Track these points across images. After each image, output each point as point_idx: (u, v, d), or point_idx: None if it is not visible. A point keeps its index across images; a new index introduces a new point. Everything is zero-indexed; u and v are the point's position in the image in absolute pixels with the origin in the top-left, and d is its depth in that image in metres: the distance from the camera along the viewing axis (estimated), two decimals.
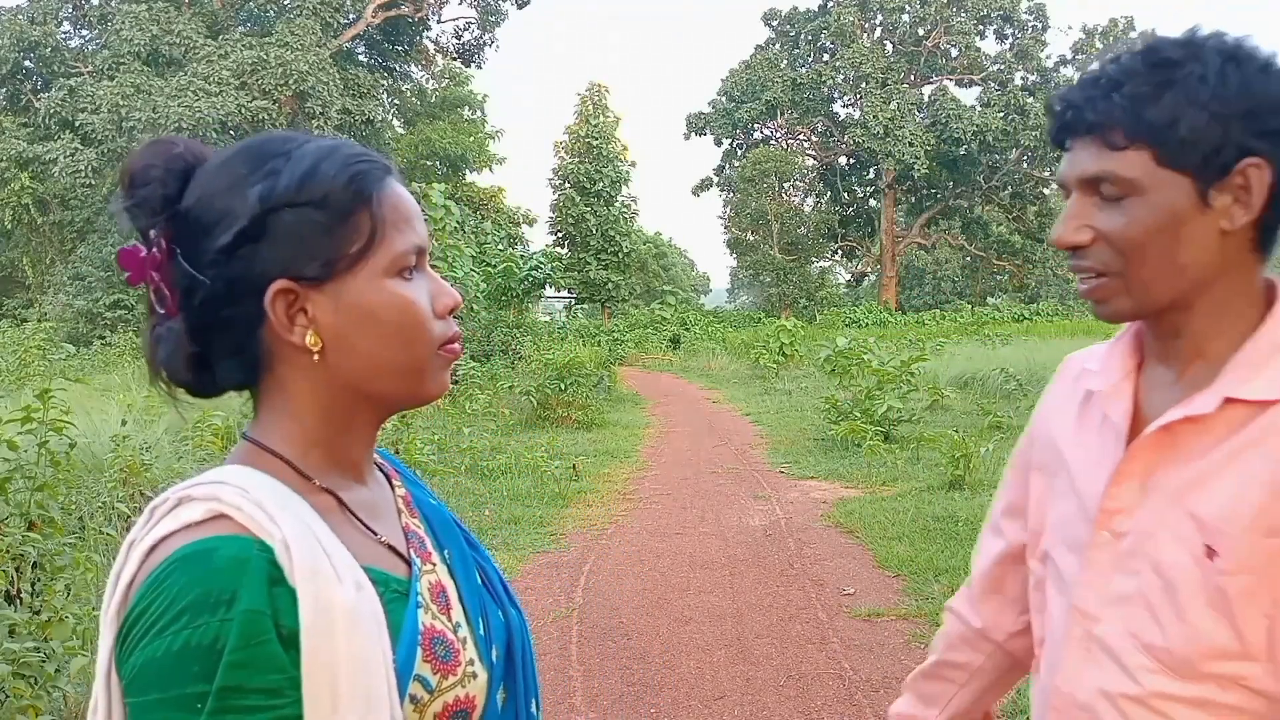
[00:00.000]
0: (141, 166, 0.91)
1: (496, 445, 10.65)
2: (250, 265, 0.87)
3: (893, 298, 43.14)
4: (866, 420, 10.84)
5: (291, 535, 0.82)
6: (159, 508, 0.85)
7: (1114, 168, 1.03)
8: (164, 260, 0.89)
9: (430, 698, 0.88)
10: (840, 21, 42.41)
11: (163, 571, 0.79)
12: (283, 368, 0.91)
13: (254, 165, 0.90)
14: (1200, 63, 1.01)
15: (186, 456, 7.01)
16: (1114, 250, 1.05)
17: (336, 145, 0.93)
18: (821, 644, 4.78)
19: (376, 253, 0.90)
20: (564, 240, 39.26)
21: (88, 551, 4.22)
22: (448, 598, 0.95)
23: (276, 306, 0.88)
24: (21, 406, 3.87)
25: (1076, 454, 1.19)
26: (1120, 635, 1.09)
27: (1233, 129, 1.00)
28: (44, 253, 30.85)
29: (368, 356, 0.90)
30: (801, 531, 7.14)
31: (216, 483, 0.85)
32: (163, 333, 0.91)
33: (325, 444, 0.93)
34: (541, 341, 20.39)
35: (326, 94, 29.21)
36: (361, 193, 0.90)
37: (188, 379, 0.92)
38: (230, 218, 0.87)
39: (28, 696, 3.05)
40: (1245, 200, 1.02)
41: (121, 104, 26.84)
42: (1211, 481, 1.04)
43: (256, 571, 0.79)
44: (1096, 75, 1.05)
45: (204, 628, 0.76)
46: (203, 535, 0.81)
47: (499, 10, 36.44)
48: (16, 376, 14.85)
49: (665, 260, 57.63)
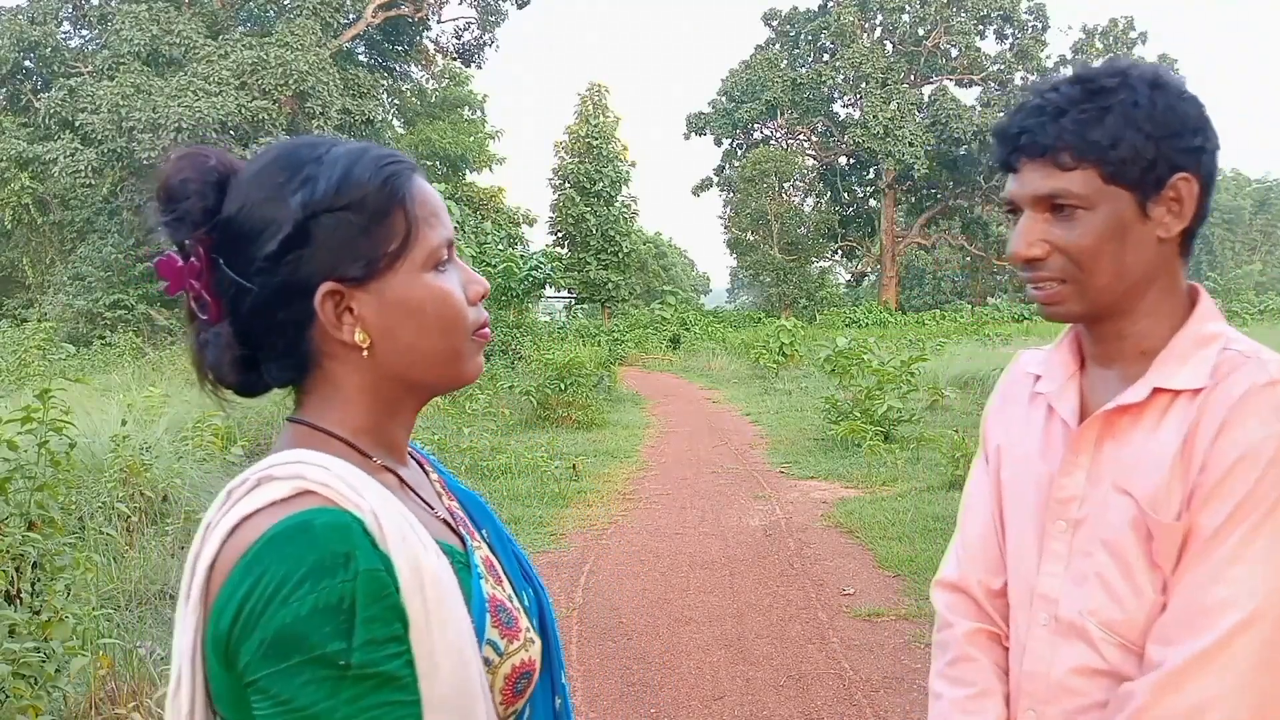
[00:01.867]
0: (179, 180, 0.93)
1: (496, 445, 10.65)
2: (297, 270, 0.91)
3: (893, 298, 43.13)
4: (866, 420, 10.84)
5: (379, 506, 0.86)
6: (236, 489, 0.89)
7: (1066, 185, 1.16)
8: (203, 269, 0.93)
9: (500, 660, 0.94)
10: (840, 21, 42.39)
11: (263, 548, 0.82)
12: (331, 363, 0.95)
13: (290, 173, 0.93)
14: (1131, 89, 1.14)
15: (186, 456, 7.01)
16: (1067, 259, 1.18)
17: (365, 148, 0.96)
18: (821, 644, 4.78)
19: (413, 249, 0.94)
20: (564, 240, 39.25)
21: (88, 551, 4.22)
22: (497, 572, 1.02)
23: (326, 307, 0.92)
24: (21, 406, 3.87)
25: (1025, 449, 1.31)
26: (1082, 614, 1.20)
27: (1164, 147, 1.14)
28: (44, 253, 30.83)
29: (411, 348, 0.95)
30: (801, 531, 7.14)
31: (297, 462, 0.88)
32: (209, 338, 0.95)
33: (373, 430, 0.97)
34: (541, 341, 20.39)
35: (326, 94, 29.19)
36: (395, 193, 0.94)
37: (235, 381, 0.97)
38: (274, 226, 0.91)
39: (28, 696, 3.05)
40: (1178, 211, 1.17)
41: (121, 104, 26.81)
42: (1144, 464, 1.17)
43: (360, 535, 0.84)
44: (1040, 104, 1.17)
45: (328, 589, 0.80)
46: (294, 510, 0.84)
47: (499, 10, 36.42)
48: (16, 376, 14.85)
49: (665, 260, 57.63)
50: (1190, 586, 1.12)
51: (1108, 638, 1.18)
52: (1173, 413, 1.17)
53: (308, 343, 0.94)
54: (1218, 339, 1.20)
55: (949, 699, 1.33)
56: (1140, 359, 1.22)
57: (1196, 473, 1.13)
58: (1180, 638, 1.11)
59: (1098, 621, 1.19)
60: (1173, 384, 1.18)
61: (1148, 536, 1.16)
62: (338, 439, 0.94)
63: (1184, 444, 1.15)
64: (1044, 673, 1.24)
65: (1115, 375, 1.24)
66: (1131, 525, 1.17)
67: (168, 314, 24.53)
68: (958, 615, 1.37)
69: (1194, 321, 1.21)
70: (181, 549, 5.62)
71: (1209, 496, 1.12)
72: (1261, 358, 1.16)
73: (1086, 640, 1.20)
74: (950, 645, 1.36)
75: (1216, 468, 1.12)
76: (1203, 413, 1.15)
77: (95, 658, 3.60)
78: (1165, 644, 1.12)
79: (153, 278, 8.16)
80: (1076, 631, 1.20)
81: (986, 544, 1.36)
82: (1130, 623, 1.17)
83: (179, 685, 0.88)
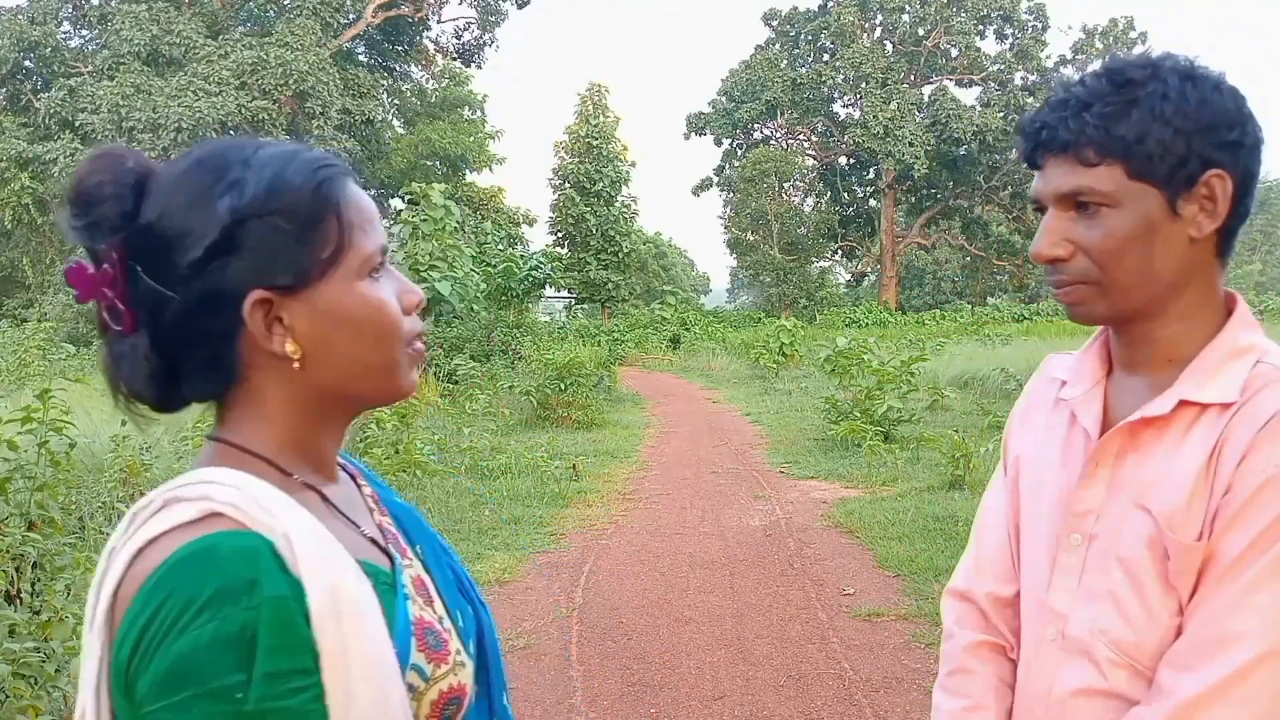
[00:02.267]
0: (94, 183, 0.88)
1: (496, 445, 10.65)
2: (223, 278, 0.86)
3: (893, 298, 43.13)
4: (866, 420, 10.84)
5: (293, 528, 0.82)
6: (140, 512, 0.84)
7: (1089, 182, 1.10)
8: (118, 277, 0.87)
9: (426, 686, 0.89)
10: (840, 21, 42.40)
11: (165, 573, 0.78)
12: (256, 375, 0.90)
13: (215, 176, 0.88)
14: (1161, 82, 1.09)
15: (186, 456, 7.01)
16: (1091, 260, 1.12)
17: (296, 150, 0.93)
18: (821, 644, 4.78)
19: (346, 257, 0.90)
20: (564, 240, 39.24)
21: (88, 551, 4.22)
22: (429, 591, 0.97)
23: (255, 317, 0.87)
24: (21, 406, 3.87)
25: (1046, 457, 1.26)
26: (1090, 632, 1.15)
27: (1195, 143, 1.08)
28: (44, 253, 30.83)
29: (345, 359, 0.91)
30: (801, 531, 7.13)
31: (204, 483, 0.84)
32: (123, 351, 0.90)
33: (299, 444, 0.93)
34: (541, 341, 20.38)
35: (326, 94, 29.20)
36: (328, 199, 0.90)
37: (152, 396, 0.91)
38: (198, 231, 0.86)
39: (28, 696, 3.05)
40: (1210, 209, 1.10)
41: (121, 104, 26.83)
42: (1165, 481, 1.11)
43: (268, 559, 0.79)
44: (1065, 98, 1.12)
45: (229, 617, 0.76)
46: (200, 533, 0.80)
47: (499, 10, 36.44)
48: (16, 376, 14.85)
49: (665, 260, 57.62)
50: (1209, 613, 1.07)
51: (1115, 658, 1.13)
52: (1199, 428, 1.11)
53: (233, 354, 0.89)
54: (1252, 351, 1.13)
55: (945, 710, 1.32)
56: (1168, 367, 1.16)
57: (1221, 494, 1.08)
58: (1196, 665, 1.06)
59: (1108, 641, 1.14)
60: (1200, 397, 1.11)
61: (1164, 556, 1.11)
62: (257, 456, 0.90)
63: (1208, 462, 1.09)
64: (1045, 690, 1.20)
65: (1142, 383, 1.18)
66: (1148, 544, 1.12)
67: None
68: (962, 626, 1.35)
69: (1228, 331, 1.15)
70: None
71: (1232, 520, 1.07)
72: None
73: (1092, 660, 1.15)
74: (951, 656, 1.34)
75: (1241, 491, 1.06)
76: (1230, 431, 1.09)
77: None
78: (1179, 671, 1.08)
79: None
80: (1083, 650, 1.16)
81: (1000, 554, 1.33)
82: (1140, 645, 1.12)
83: (84, 714, 0.83)
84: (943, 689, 1.35)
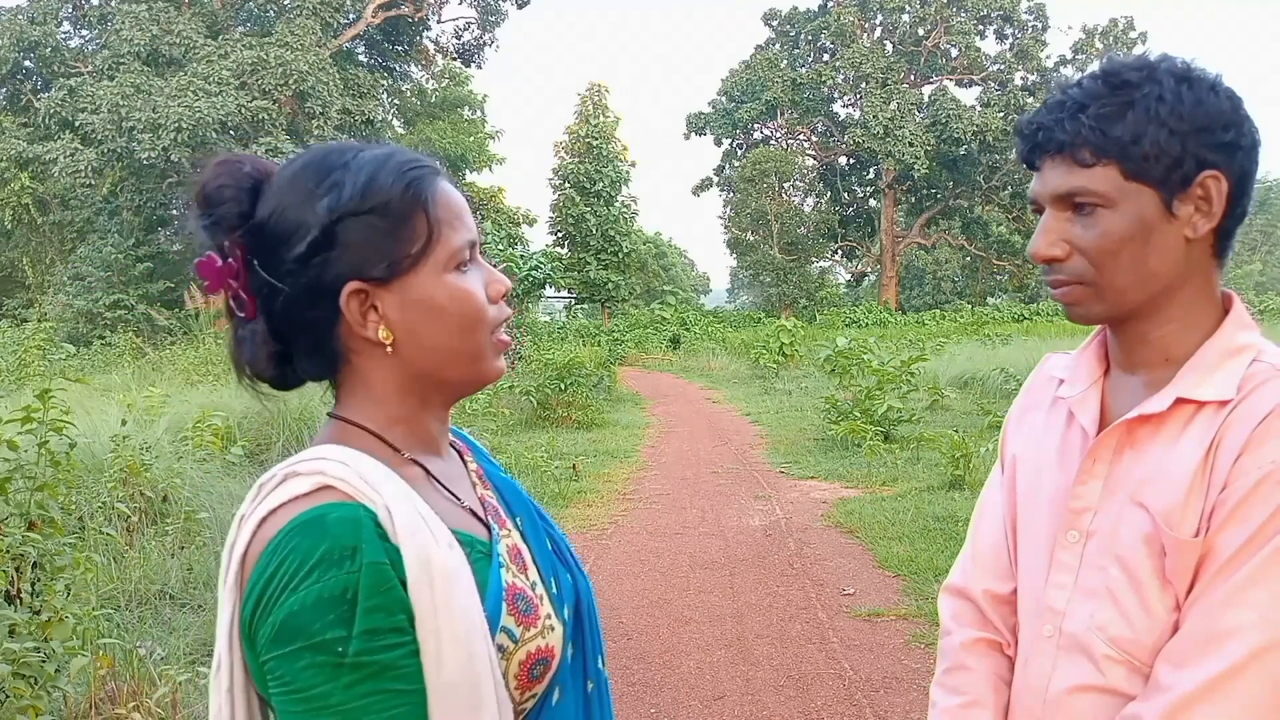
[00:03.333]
0: (215, 186, 0.98)
1: (496, 445, 10.65)
2: (324, 271, 0.96)
3: (893, 298, 43.13)
4: (866, 420, 10.84)
5: (392, 500, 0.91)
6: (266, 484, 0.94)
7: (1085, 183, 1.11)
8: (240, 269, 0.98)
9: (515, 647, 0.97)
10: (840, 21, 42.40)
11: (282, 539, 0.88)
12: (359, 359, 1.00)
13: (318, 179, 0.97)
14: (1157, 84, 1.10)
15: (186, 456, 7.00)
16: (1088, 260, 1.14)
17: (391, 153, 1.01)
18: (821, 644, 4.78)
19: (435, 250, 0.98)
20: (564, 240, 39.26)
21: (88, 551, 4.22)
22: (524, 559, 1.05)
23: (350, 306, 0.96)
24: (21, 406, 3.86)
25: (1043, 456, 1.27)
26: (1087, 629, 1.16)
27: (1190, 143, 1.09)
28: (44, 253, 30.83)
29: (434, 345, 0.99)
30: (801, 531, 7.14)
31: (319, 459, 0.94)
32: (245, 335, 1.00)
33: (405, 422, 1.02)
34: (541, 341, 20.38)
35: (326, 94, 29.19)
36: (418, 197, 0.98)
37: (271, 375, 1.02)
38: (303, 229, 0.96)
39: (28, 696, 3.05)
40: (1206, 210, 1.12)
41: (121, 104, 26.80)
42: (1163, 477, 1.13)
43: (369, 529, 0.88)
44: (1061, 99, 1.14)
45: (333, 580, 0.85)
46: (313, 504, 0.90)
47: (499, 10, 36.42)
48: (16, 376, 14.85)
49: (665, 260, 57.63)
50: (1206, 609, 1.08)
51: (1113, 654, 1.15)
52: (1195, 425, 1.13)
53: (335, 340, 0.99)
54: (1248, 350, 1.15)
55: (942, 707, 1.33)
56: (1165, 365, 1.17)
57: (1217, 490, 1.09)
58: (1192, 661, 1.08)
59: (1105, 637, 1.15)
60: (1197, 395, 1.13)
61: (1161, 552, 1.12)
62: (369, 433, 0.99)
63: (1205, 459, 1.10)
64: (1042, 687, 1.21)
65: (1139, 381, 1.20)
66: (1145, 540, 1.13)
67: (168, 314, 24.54)
68: (959, 623, 1.35)
69: (1225, 330, 1.16)
70: (182, 549, 5.62)
71: (1229, 517, 1.08)
72: None
73: (1089, 656, 1.17)
74: (948, 653, 1.35)
75: (1238, 487, 1.08)
76: (1227, 428, 1.10)
77: (95, 658, 3.59)
78: (1176, 666, 1.09)
79: (153, 277, 8.15)
80: (1080, 646, 1.17)
81: (997, 551, 1.33)
82: (1138, 640, 1.14)
83: (219, 666, 0.94)
84: (940, 686, 1.35)
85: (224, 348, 1.04)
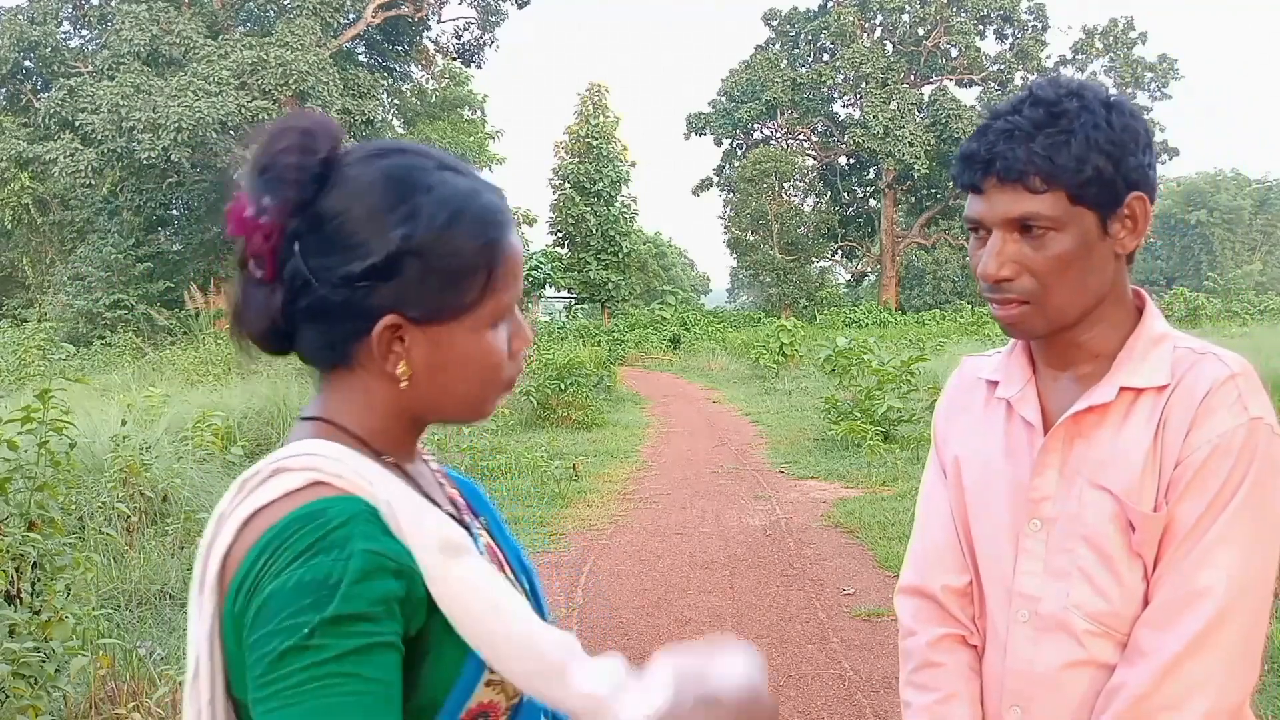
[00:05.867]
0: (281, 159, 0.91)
1: (496, 445, 10.65)
2: (369, 295, 0.91)
3: (893, 298, 43.12)
4: (866, 420, 10.83)
5: (393, 496, 0.89)
6: (250, 480, 0.91)
7: (1037, 208, 1.20)
8: (275, 235, 0.91)
9: None
10: (840, 21, 42.37)
11: (278, 532, 0.85)
12: (365, 373, 0.96)
13: (397, 198, 0.92)
14: (1091, 112, 1.19)
15: (186, 456, 7.01)
16: (1036, 280, 1.22)
17: (475, 191, 0.96)
18: (821, 644, 4.78)
19: (483, 306, 0.95)
20: (564, 240, 39.25)
21: (88, 551, 4.22)
22: (500, 558, 1.05)
23: (382, 338, 0.93)
24: (21, 406, 3.86)
25: (989, 453, 1.35)
26: (1064, 608, 1.25)
27: (1121, 167, 1.19)
28: (44, 253, 30.82)
29: (446, 390, 0.97)
30: (801, 531, 7.14)
31: (310, 454, 0.90)
32: (255, 296, 0.94)
33: (391, 434, 0.99)
34: (541, 341, 20.37)
35: (326, 94, 29.17)
36: (491, 256, 0.95)
37: (266, 343, 0.98)
38: (364, 250, 0.91)
39: (28, 696, 3.05)
40: (1132, 228, 1.23)
41: (121, 104, 26.79)
42: (1118, 460, 1.23)
43: (370, 521, 0.86)
44: (1008, 128, 1.21)
45: (318, 565, 0.83)
46: (309, 499, 0.86)
47: (499, 10, 36.41)
48: (16, 376, 14.85)
49: (665, 260, 57.60)
50: (1179, 573, 1.18)
51: (1092, 628, 1.23)
52: (1138, 410, 1.23)
53: (350, 347, 0.95)
54: (1167, 338, 1.27)
55: (918, 705, 1.37)
56: (1095, 361, 1.28)
57: (1171, 467, 1.20)
58: (1172, 623, 1.17)
59: (1083, 614, 1.23)
60: (1136, 383, 1.24)
61: (1128, 528, 1.21)
62: (353, 437, 0.96)
63: (1155, 439, 1.21)
64: (1027, 669, 1.27)
65: (1069, 377, 1.30)
66: (1111, 519, 1.22)
67: (168, 314, 24.51)
68: (921, 622, 1.39)
69: (1146, 324, 1.28)
70: (182, 549, 5.62)
71: (1187, 489, 1.18)
72: (1217, 353, 1.23)
73: (1070, 633, 1.24)
74: (915, 653, 1.39)
75: (1192, 461, 1.18)
76: (1171, 409, 1.21)
77: (95, 658, 3.59)
78: (1156, 629, 1.18)
79: (153, 277, 8.12)
80: (1059, 625, 1.25)
81: (950, 547, 1.38)
82: (1114, 613, 1.22)
83: (197, 673, 0.90)
84: (911, 685, 1.39)
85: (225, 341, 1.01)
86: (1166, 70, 42.74)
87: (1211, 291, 37.18)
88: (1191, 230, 57.97)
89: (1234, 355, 1.24)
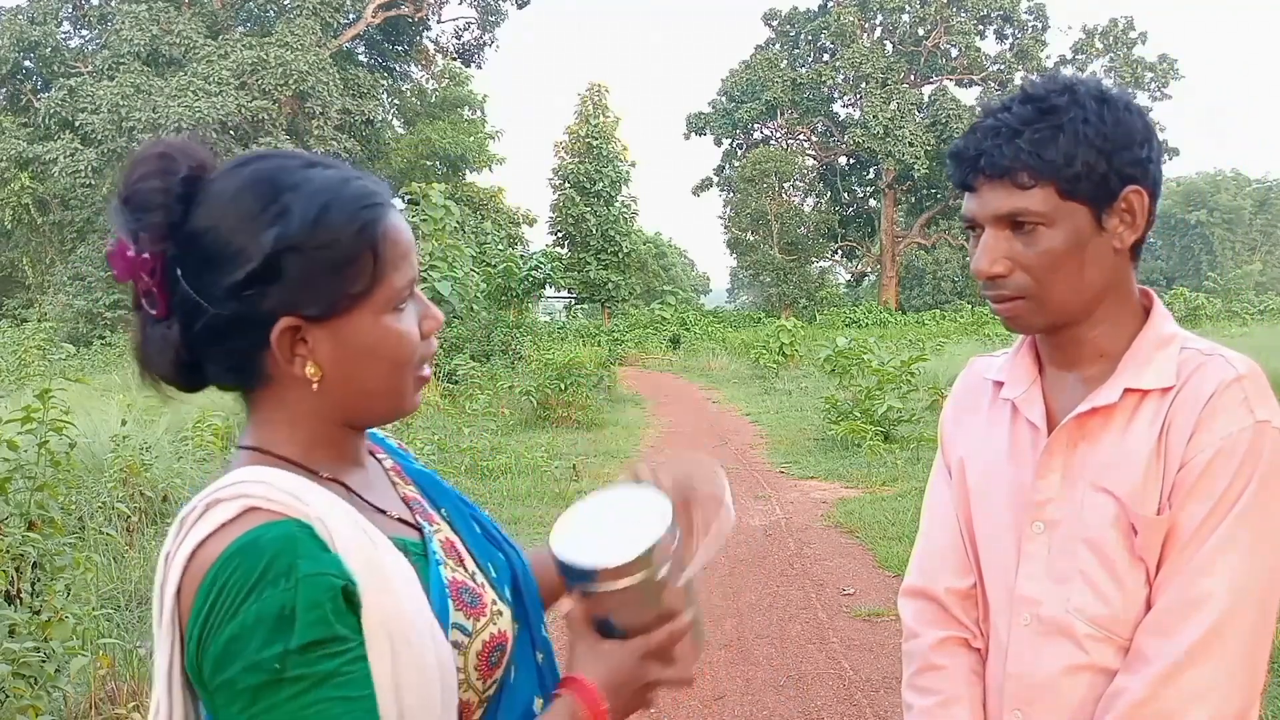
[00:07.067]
0: (143, 187, 0.91)
1: (496, 445, 10.65)
2: (258, 302, 0.91)
3: (893, 298, 43.13)
4: (866, 420, 10.83)
5: (325, 512, 0.89)
6: (187, 518, 0.90)
7: (1026, 204, 1.19)
8: (157, 268, 0.91)
9: (469, 640, 0.97)
10: (840, 21, 42.39)
11: (218, 571, 0.85)
12: (279, 385, 0.96)
13: (266, 200, 0.91)
14: (1080, 106, 1.18)
15: (186, 456, 7.01)
16: (1029, 275, 1.21)
17: (344, 180, 0.95)
18: (821, 644, 4.78)
19: (377, 292, 0.94)
20: (564, 240, 39.24)
21: (88, 551, 4.22)
22: (459, 551, 1.04)
23: (282, 341, 0.92)
24: (21, 406, 3.87)
25: (993, 454, 1.33)
26: (1066, 612, 1.23)
27: (1114, 161, 1.18)
28: (44, 253, 30.83)
29: (360, 384, 0.96)
30: (801, 531, 7.14)
31: (239, 483, 0.90)
32: (154, 334, 0.94)
33: (322, 444, 0.98)
34: (541, 341, 20.38)
35: (326, 94, 29.20)
36: (369, 238, 0.94)
37: (175, 379, 0.97)
38: (242, 257, 0.90)
39: (28, 696, 3.05)
40: (1130, 222, 1.21)
41: (121, 104, 26.83)
42: (1121, 463, 1.21)
43: (306, 541, 0.86)
44: (995, 125, 1.20)
45: (269, 599, 0.83)
46: (243, 529, 0.86)
47: (499, 10, 36.44)
48: (16, 376, 14.85)
49: (665, 260, 57.59)
50: (1180, 579, 1.16)
51: (1094, 633, 1.21)
52: (1143, 412, 1.21)
53: (258, 363, 0.94)
54: (1175, 339, 1.24)
55: (919, 708, 1.36)
56: (1100, 361, 1.26)
57: (1175, 470, 1.18)
58: (1172, 630, 1.15)
59: (1085, 618, 1.22)
60: (1142, 384, 1.22)
61: (1130, 532, 1.19)
62: (284, 460, 0.95)
63: (1159, 441, 1.19)
64: (1028, 673, 1.25)
65: (1075, 378, 1.28)
66: (1113, 523, 1.20)
67: None
68: (924, 624, 1.39)
69: (1152, 324, 1.26)
70: None
71: (1191, 491, 1.16)
72: (1225, 355, 1.21)
73: (1071, 638, 1.22)
74: (917, 655, 1.38)
75: (1195, 464, 1.16)
76: (1176, 411, 1.19)
77: (95, 658, 3.59)
78: (1159, 636, 1.16)
79: None
80: (1061, 630, 1.23)
81: (954, 549, 1.38)
82: (1116, 617, 1.20)
83: (157, 711, 0.91)
84: (913, 688, 1.38)
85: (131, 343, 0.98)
86: (1166, 70, 42.76)
87: (1211, 291, 37.22)
88: (1191, 230, 57.99)
89: (1242, 357, 1.21)
